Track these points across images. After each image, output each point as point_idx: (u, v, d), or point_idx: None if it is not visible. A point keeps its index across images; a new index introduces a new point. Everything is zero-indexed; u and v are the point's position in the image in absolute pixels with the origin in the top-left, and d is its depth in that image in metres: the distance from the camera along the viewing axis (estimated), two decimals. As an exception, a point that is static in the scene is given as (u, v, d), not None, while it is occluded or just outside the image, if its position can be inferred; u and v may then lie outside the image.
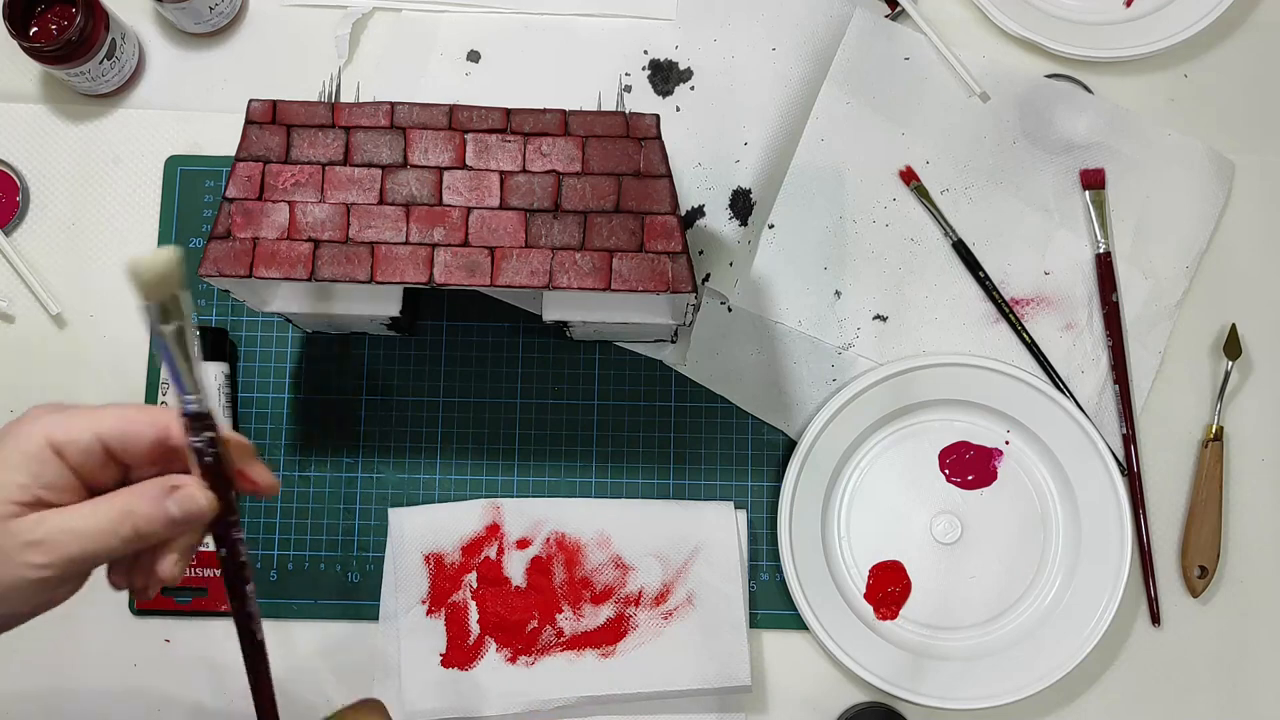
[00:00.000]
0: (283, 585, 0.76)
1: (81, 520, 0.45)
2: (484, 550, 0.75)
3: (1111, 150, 0.80)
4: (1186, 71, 0.82)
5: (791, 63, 0.80)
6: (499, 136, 0.62)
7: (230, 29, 0.81)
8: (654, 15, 0.81)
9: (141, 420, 0.47)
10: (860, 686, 0.75)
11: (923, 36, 0.81)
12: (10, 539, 0.44)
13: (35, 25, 0.76)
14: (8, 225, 0.79)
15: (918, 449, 0.77)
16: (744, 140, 0.79)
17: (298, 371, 0.78)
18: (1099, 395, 0.78)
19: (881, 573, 0.76)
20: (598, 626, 0.74)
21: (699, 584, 0.74)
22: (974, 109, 0.80)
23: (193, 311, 0.46)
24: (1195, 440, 0.78)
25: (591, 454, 0.77)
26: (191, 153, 0.80)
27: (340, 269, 0.61)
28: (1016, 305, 0.79)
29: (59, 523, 0.45)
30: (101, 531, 0.45)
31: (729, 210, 0.77)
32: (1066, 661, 0.73)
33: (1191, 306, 0.79)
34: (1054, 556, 0.76)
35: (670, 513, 0.75)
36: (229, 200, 0.61)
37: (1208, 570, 0.76)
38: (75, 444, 0.46)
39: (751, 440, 0.78)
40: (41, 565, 0.45)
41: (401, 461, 0.77)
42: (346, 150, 0.62)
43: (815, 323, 0.78)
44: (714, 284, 0.76)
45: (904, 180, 0.80)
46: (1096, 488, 0.75)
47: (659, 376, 0.78)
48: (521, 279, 0.61)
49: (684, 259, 0.61)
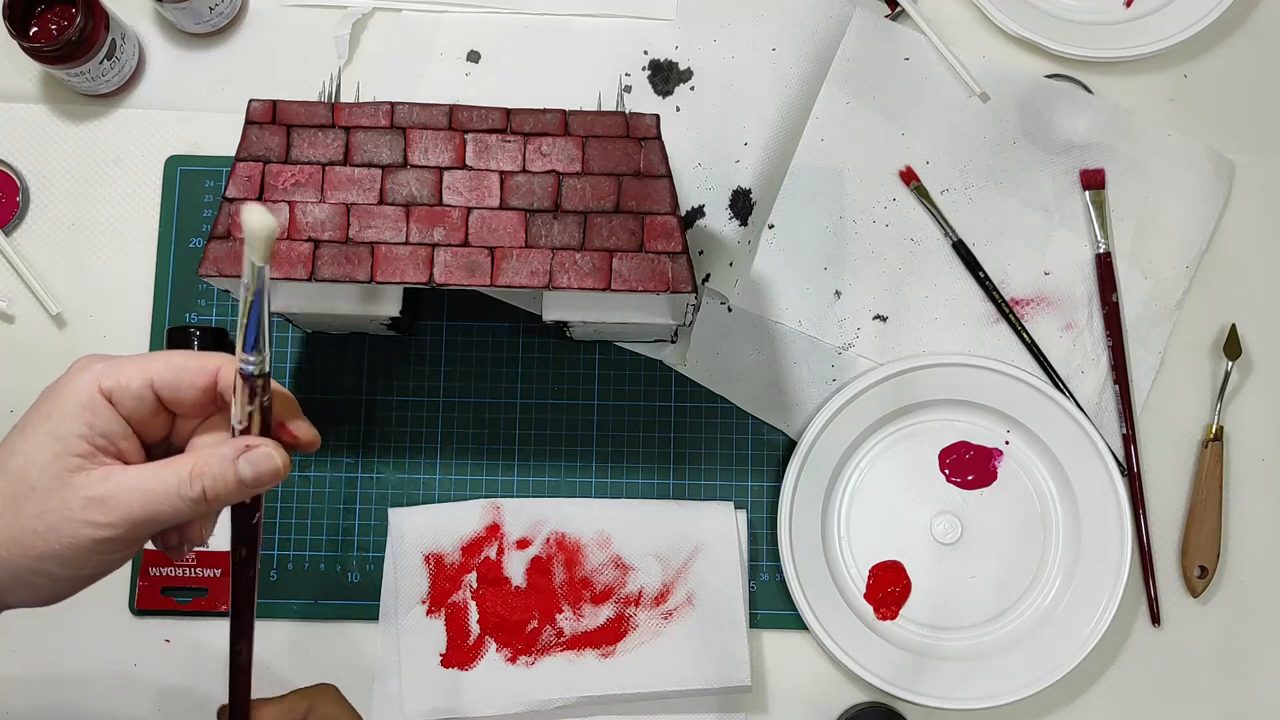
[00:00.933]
0: (283, 585, 0.76)
1: (148, 479, 0.44)
2: (484, 550, 0.75)
3: (1111, 150, 0.80)
4: (1186, 71, 0.82)
5: (791, 63, 0.80)
6: (499, 136, 0.62)
7: (230, 29, 0.81)
8: (654, 15, 0.81)
9: (192, 367, 0.46)
10: (860, 686, 0.75)
11: (923, 36, 0.81)
12: (73, 494, 0.43)
13: (35, 25, 0.76)
14: (8, 225, 0.79)
15: (918, 449, 0.77)
16: (744, 140, 0.79)
17: (298, 371, 0.78)
18: (1099, 395, 0.78)
19: (881, 573, 0.76)
20: (598, 626, 0.74)
21: (699, 584, 0.74)
22: (974, 109, 0.80)
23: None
24: (1195, 440, 0.78)
25: (591, 454, 0.77)
26: (191, 153, 0.80)
27: (340, 269, 0.61)
28: (1016, 305, 0.79)
29: (124, 480, 0.43)
30: (169, 492, 0.43)
31: (729, 210, 0.77)
32: (1066, 661, 0.73)
33: (1191, 306, 0.79)
34: (1054, 556, 0.76)
35: (670, 513, 0.75)
36: (229, 200, 0.61)
37: (1208, 570, 0.76)
38: (126, 390, 0.45)
39: (751, 440, 0.78)
40: (103, 524, 0.43)
41: (401, 461, 0.77)
42: (346, 150, 0.62)
43: (815, 323, 0.78)
44: (714, 284, 0.76)
45: (904, 180, 0.80)
46: (1096, 488, 0.75)
47: (659, 376, 0.78)
48: (521, 279, 0.61)
49: (684, 259, 0.61)
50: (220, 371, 0.46)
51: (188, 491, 0.44)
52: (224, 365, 0.46)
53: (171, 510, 0.44)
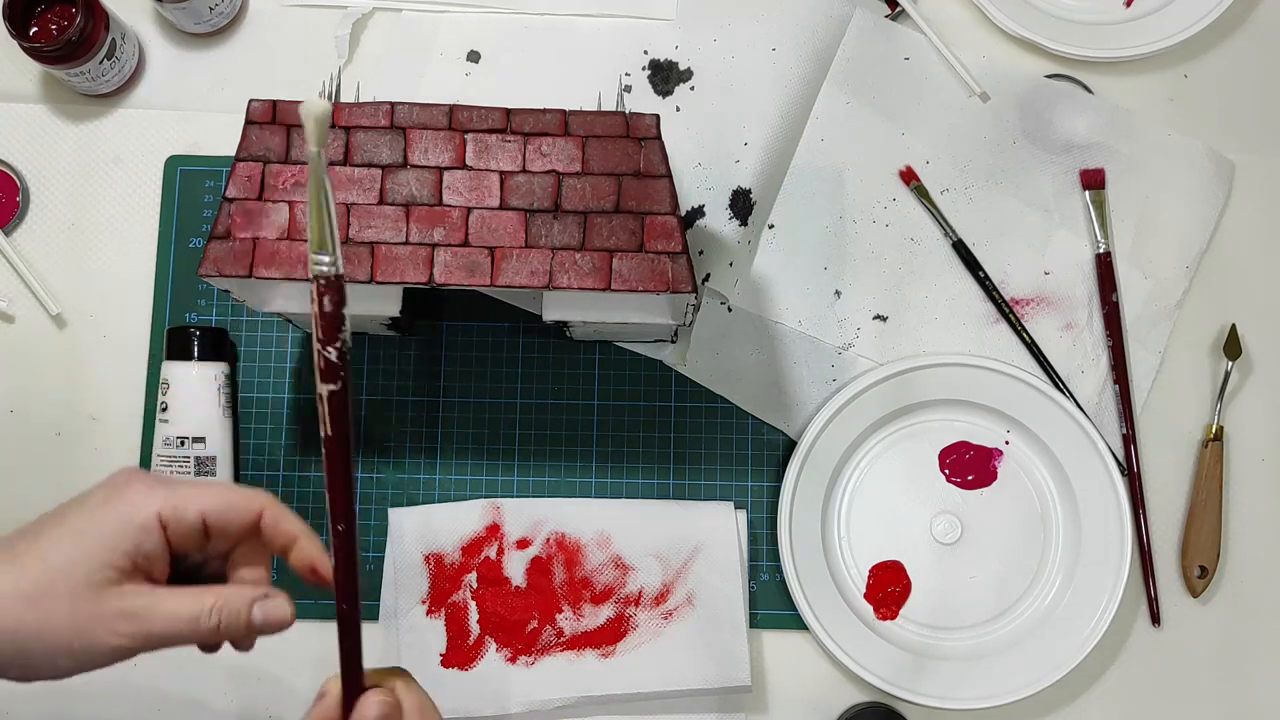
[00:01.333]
0: (282, 585, 0.75)
1: (174, 604, 0.48)
2: (484, 550, 0.75)
3: (1111, 150, 0.80)
4: (1186, 71, 0.82)
5: (791, 63, 0.80)
6: (499, 136, 0.62)
7: (230, 29, 0.81)
8: (654, 15, 0.81)
9: (239, 505, 0.50)
10: (860, 686, 0.75)
11: (923, 36, 0.81)
12: (107, 604, 0.47)
13: (35, 25, 0.76)
14: (8, 225, 0.79)
15: (918, 449, 0.77)
16: (744, 140, 0.79)
17: (298, 371, 0.78)
18: (1099, 395, 0.78)
19: (881, 573, 0.76)
20: (598, 626, 0.74)
21: (699, 584, 0.74)
22: (974, 109, 0.80)
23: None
24: (1195, 440, 0.78)
25: (591, 454, 0.77)
26: (191, 153, 0.80)
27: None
28: (1016, 305, 0.79)
29: (154, 600, 0.48)
30: (190, 618, 0.48)
31: (729, 210, 0.77)
32: (1066, 661, 0.73)
33: (1191, 306, 0.79)
34: (1054, 556, 0.76)
35: (670, 513, 0.75)
36: (229, 200, 0.61)
37: (1208, 570, 0.76)
38: (181, 520, 0.49)
39: (751, 440, 0.78)
40: (126, 634, 0.47)
41: (401, 461, 0.77)
42: (346, 150, 0.62)
43: (815, 323, 0.78)
44: (714, 284, 0.76)
45: (904, 180, 0.80)
46: (1096, 488, 0.75)
47: (659, 376, 0.78)
48: (521, 279, 0.61)
49: (684, 259, 0.61)
50: (264, 512, 0.51)
51: (205, 623, 0.49)
52: (267, 506, 0.51)
53: (188, 634, 0.48)
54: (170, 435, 0.74)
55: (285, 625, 0.51)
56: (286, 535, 0.51)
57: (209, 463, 0.74)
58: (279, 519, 0.51)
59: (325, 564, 0.51)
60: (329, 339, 0.44)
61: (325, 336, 0.44)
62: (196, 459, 0.74)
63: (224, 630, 0.49)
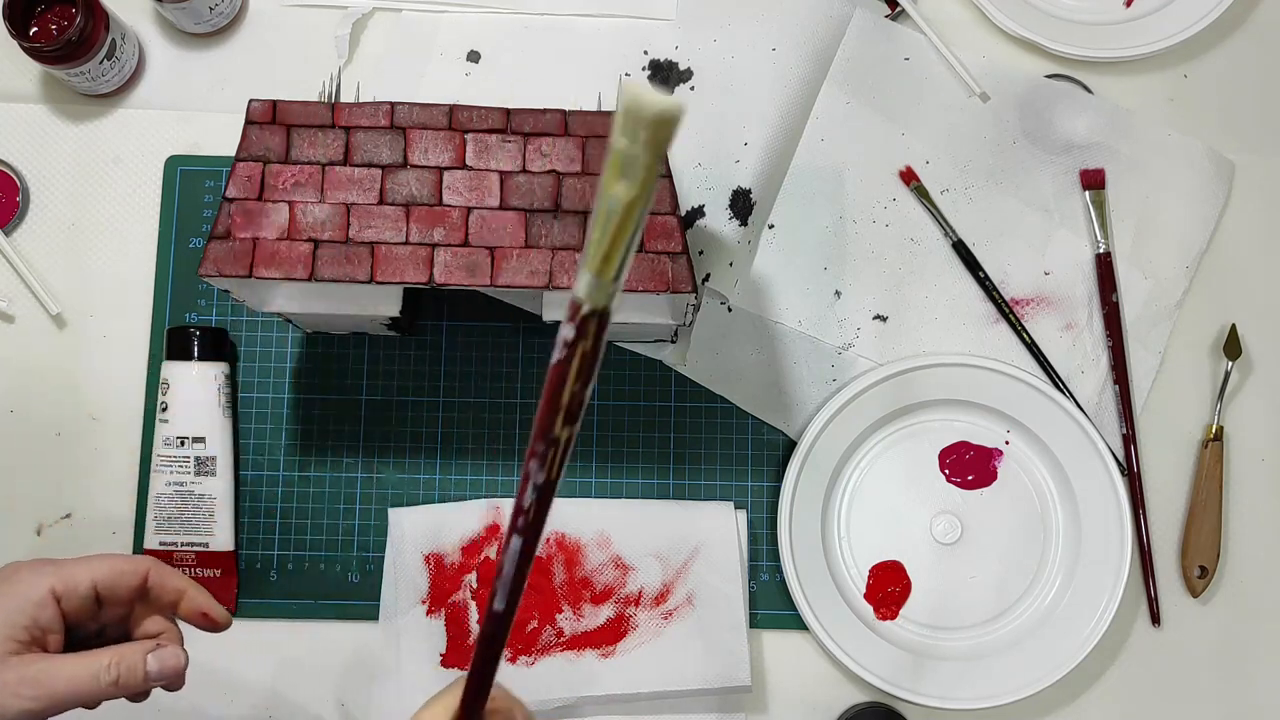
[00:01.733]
0: (283, 585, 0.76)
1: (72, 667, 0.53)
2: (484, 550, 0.75)
3: (1111, 150, 0.80)
4: (1186, 71, 0.82)
5: (791, 63, 0.80)
6: (499, 136, 0.62)
7: (230, 29, 0.81)
8: (654, 15, 0.81)
9: (128, 570, 0.56)
10: (860, 686, 0.75)
11: (923, 36, 0.81)
12: (10, 672, 0.52)
13: (35, 25, 0.76)
14: (8, 225, 0.79)
15: (918, 449, 0.77)
16: (744, 140, 0.79)
17: (298, 371, 0.78)
18: (1099, 395, 0.78)
19: (881, 573, 0.76)
20: (598, 626, 0.74)
21: (699, 584, 0.74)
22: (974, 109, 0.80)
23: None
24: (1195, 440, 0.78)
25: (591, 454, 0.77)
26: (191, 153, 0.80)
27: (340, 269, 0.61)
28: (1016, 305, 0.79)
29: (52, 666, 0.53)
30: (90, 677, 0.53)
31: (729, 210, 0.77)
32: (1066, 661, 0.73)
33: (1191, 306, 0.79)
34: (1054, 556, 0.76)
35: (670, 513, 0.75)
36: (229, 200, 0.61)
37: (1208, 570, 0.76)
38: (74, 592, 0.54)
39: (751, 440, 0.78)
40: (30, 698, 0.52)
41: (401, 461, 0.77)
42: (346, 150, 0.62)
43: (815, 323, 0.78)
44: (714, 284, 0.76)
45: (904, 180, 0.80)
46: (1096, 488, 0.75)
47: (659, 376, 0.78)
48: (521, 279, 0.61)
49: (684, 259, 0.61)
50: (150, 573, 0.56)
51: (105, 677, 0.53)
52: (152, 568, 0.56)
53: (90, 691, 0.53)
54: (170, 435, 0.74)
55: (180, 671, 0.55)
56: (174, 590, 0.57)
57: (209, 463, 0.74)
58: (164, 577, 0.56)
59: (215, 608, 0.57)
60: (588, 380, 0.38)
61: (586, 377, 0.37)
62: (196, 459, 0.74)
63: (122, 683, 0.53)
